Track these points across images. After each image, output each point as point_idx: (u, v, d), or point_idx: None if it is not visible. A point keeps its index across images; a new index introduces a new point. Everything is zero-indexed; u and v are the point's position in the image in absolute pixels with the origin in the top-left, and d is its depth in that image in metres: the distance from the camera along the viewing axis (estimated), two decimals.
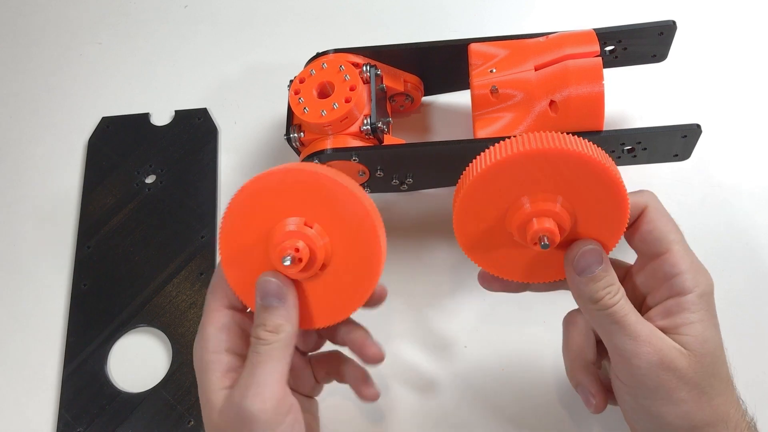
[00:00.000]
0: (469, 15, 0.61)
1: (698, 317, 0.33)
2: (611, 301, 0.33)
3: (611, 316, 0.32)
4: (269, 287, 0.33)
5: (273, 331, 0.32)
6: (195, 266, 0.50)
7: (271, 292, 0.33)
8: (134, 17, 0.64)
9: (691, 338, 0.32)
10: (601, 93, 0.43)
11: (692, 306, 0.33)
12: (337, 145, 0.47)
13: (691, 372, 0.32)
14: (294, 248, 0.32)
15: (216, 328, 0.34)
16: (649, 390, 0.32)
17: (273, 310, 0.33)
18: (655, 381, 0.32)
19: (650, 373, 0.32)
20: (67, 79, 0.61)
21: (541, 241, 0.32)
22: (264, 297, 0.33)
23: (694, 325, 0.33)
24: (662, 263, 0.34)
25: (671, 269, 0.34)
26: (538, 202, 0.33)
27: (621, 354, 0.32)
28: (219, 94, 0.58)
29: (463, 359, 0.45)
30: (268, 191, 0.33)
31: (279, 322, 0.33)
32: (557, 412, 0.43)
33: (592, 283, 0.33)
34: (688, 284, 0.33)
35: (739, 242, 0.48)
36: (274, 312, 0.33)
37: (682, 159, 0.47)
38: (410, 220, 0.51)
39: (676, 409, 0.32)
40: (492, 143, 0.45)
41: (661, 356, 0.32)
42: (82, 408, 0.46)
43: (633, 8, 0.59)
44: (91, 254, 0.51)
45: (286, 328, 0.33)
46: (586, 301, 0.33)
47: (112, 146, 0.56)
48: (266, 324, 0.32)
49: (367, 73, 0.48)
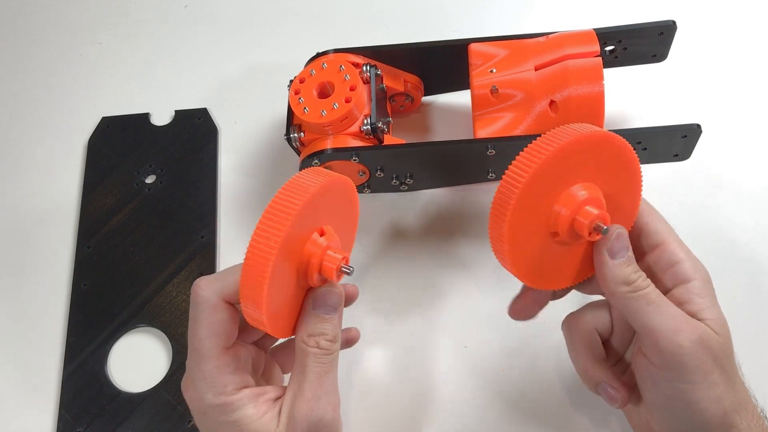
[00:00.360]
0: (469, 15, 0.61)
1: (709, 302, 0.33)
2: (645, 283, 0.33)
3: (646, 297, 0.33)
4: (333, 299, 0.34)
5: (333, 340, 0.33)
6: (195, 266, 0.50)
7: (333, 304, 0.34)
8: (134, 17, 0.64)
9: (712, 321, 0.33)
10: (601, 93, 0.43)
11: (701, 291, 0.34)
12: (337, 145, 0.47)
13: (721, 353, 0.32)
14: (344, 259, 0.33)
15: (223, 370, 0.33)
16: (687, 371, 0.32)
17: (331, 320, 0.34)
18: (695, 360, 0.32)
19: (692, 352, 0.32)
20: (67, 79, 0.61)
21: (599, 229, 0.32)
22: (325, 308, 0.34)
23: (710, 309, 0.33)
24: (661, 253, 0.35)
25: (671, 257, 0.34)
26: (584, 191, 0.33)
27: (659, 334, 0.32)
28: (219, 94, 0.58)
29: (463, 359, 0.45)
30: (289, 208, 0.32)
31: (337, 331, 0.34)
32: (557, 412, 0.43)
33: (625, 266, 0.33)
34: (690, 271, 0.34)
35: (740, 242, 0.48)
36: (332, 322, 0.34)
37: (682, 159, 0.47)
38: (410, 220, 0.51)
39: (711, 393, 0.32)
40: (492, 143, 0.45)
41: (700, 334, 0.32)
42: (82, 408, 0.46)
43: (633, 8, 0.59)
44: (91, 254, 0.51)
45: (339, 336, 0.34)
46: (620, 284, 0.33)
47: (112, 146, 0.56)
48: (328, 334, 0.33)
49: (367, 73, 0.48)
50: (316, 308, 0.34)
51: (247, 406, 0.33)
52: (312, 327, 0.33)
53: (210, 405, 0.33)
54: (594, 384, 0.37)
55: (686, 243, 0.35)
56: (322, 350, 0.33)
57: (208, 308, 0.33)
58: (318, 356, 0.33)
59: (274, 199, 0.31)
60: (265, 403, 0.33)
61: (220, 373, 0.33)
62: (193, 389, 0.34)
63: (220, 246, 0.51)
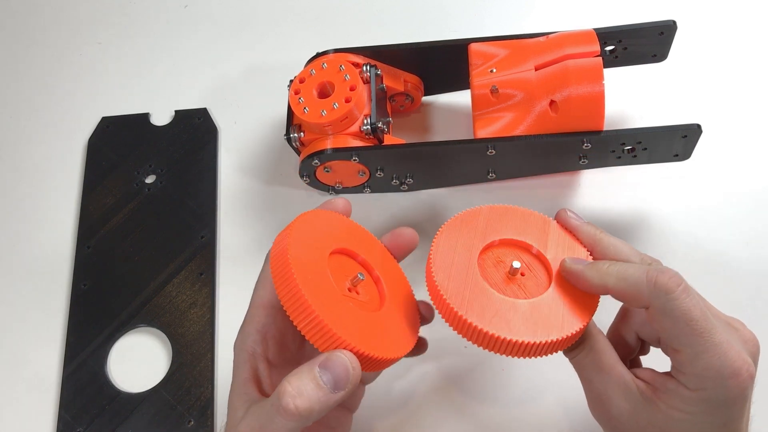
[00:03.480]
0: (469, 15, 0.61)
1: (690, 410, 0.32)
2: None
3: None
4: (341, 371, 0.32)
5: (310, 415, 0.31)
6: (195, 266, 0.50)
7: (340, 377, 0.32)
8: (134, 17, 0.64)
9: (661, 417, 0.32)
10: (602, 93, 0.43)
11: (688, 400, 0.32)
12: (337, 145, 0.47)
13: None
14: None
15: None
16: (731, 395, 0.31)
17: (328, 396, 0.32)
18: (741, 385, 0.31)
19: (740, 375, 0.30)
20: (67, 79, 0.61)
21: None
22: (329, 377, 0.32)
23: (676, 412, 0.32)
24: (672, 354, 0.33)
25: (677, 365, 0.32)
26: None
27: (713, 349, 0.30)
28: (219, 94, 0.58)
29: (463, 359, 0.45)
30: None
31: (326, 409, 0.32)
32: (558, 413, 0.43)
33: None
34: (691, 385, 0.32)
35: (740, 242, 0.48)
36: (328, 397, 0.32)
37: (682, 159, 0.47)
38: (410, 220, 0.51)
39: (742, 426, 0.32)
40: (492, 143, 0.45)
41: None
42: (82, 408, 0.46)
43: (633, 8, 0.59)
44: (91, 254, 0.51)
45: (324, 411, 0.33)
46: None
47: (112, 146, 0.56)
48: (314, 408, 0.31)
49: (367, 73, 0.48)
50: (321, 371, 0.31)
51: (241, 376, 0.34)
52: (298, 380, 0.30)
53: (236, 349, 0.35)
54: None
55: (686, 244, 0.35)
56: (278, 406, 0.30)
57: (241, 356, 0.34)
58: (273, 408, 0.30)
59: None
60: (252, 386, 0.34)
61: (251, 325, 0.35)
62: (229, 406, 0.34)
63: (220, 246, 0.51)
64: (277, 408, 0.30)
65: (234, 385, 0.34)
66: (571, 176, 0.51)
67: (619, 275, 0.33)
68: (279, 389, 0.30)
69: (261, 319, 0.35)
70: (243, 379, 0.34)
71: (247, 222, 0.52)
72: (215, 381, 0.46)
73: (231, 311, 0.49)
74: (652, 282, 0.31)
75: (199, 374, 0.46)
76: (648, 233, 0.49)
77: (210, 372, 0.46)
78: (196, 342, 0.47)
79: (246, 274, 0.50)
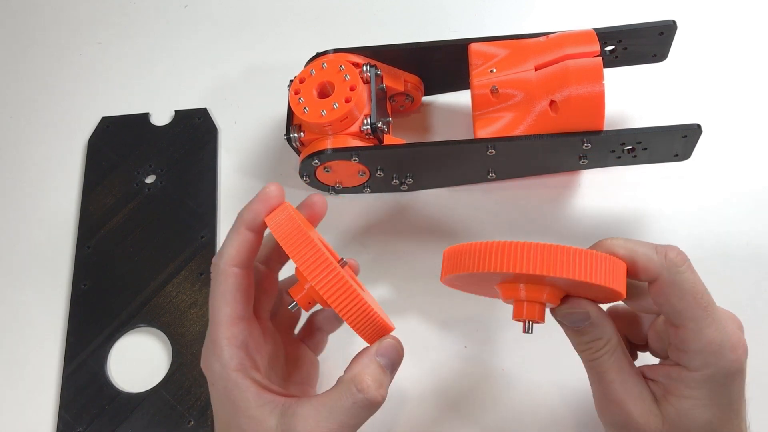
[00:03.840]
0: (469, 15, 0.61)
1: (696, 395, 0.32)
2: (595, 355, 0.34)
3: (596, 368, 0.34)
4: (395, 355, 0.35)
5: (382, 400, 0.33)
6: (195, 266, 0.50)
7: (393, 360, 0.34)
8: (134, 17, 0.64)
9: (673, 411, 0.32)
10: (602, 93, 0.43)
11: (692, 383, 0.32)
12: (337, 145, 0.47)
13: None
14: None
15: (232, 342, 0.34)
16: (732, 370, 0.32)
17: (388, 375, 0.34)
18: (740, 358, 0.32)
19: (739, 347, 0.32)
20: (66, 79, 0.61)
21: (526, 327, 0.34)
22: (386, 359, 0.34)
23: (684, 400, 0.32)
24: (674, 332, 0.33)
25: (680, 344, 0.33)
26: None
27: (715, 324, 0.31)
28: (219, 94, 0.58)
29: (463, 359, 0.45)
30: None
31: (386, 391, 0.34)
32: (558, 413, 0.43)
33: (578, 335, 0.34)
34: (695, 364, 0.32)
35: (740, 242, 0.48)
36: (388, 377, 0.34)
37: (682, 159, 0.47)
38: (410, 220, 0.51)
39: None
40: (492, 143, 0.45)
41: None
42: (82, 408, 0.46)
43: (633, 8, 0.59)
44: (91, 254, 0.51)
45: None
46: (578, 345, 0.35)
47: (112, 146, 0.56)
48: (383, 388, 0.33)
49: (367, 73, 0.48)
50: (381, 359, 0.34)
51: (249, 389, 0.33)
52: (373, 372, 0.33)
53: (218, 375, 0.33)
54: None
55: (686, 244, 0.35)
56: (364, 400, 0.32)
57: (218, 275, 0.34)
58: (357, 404, 0.32)
59: None
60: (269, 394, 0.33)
61: (229, 344, 0.34)
62: (204, 359, 0.35)
63: (220, 246, 0.51)
64: (364, 402, 0.32)
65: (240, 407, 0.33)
66: (571, 176, 0.51)
67: (627, 246, 0.33)
68: (357, 384, 0.32)
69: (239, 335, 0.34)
70: (254, 392, 0.33)
71: None
72: None
73: None
74: (663, 254, 0.32)
75: (199, 374, 0.46)
76: (648, 233, 0.49)
77: None
78: (196, 342, 0.47)
79: None
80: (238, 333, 0.34)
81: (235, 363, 0.33)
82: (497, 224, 0.50)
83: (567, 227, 0.50)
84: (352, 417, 0.32)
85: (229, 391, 0.33)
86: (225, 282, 0.34)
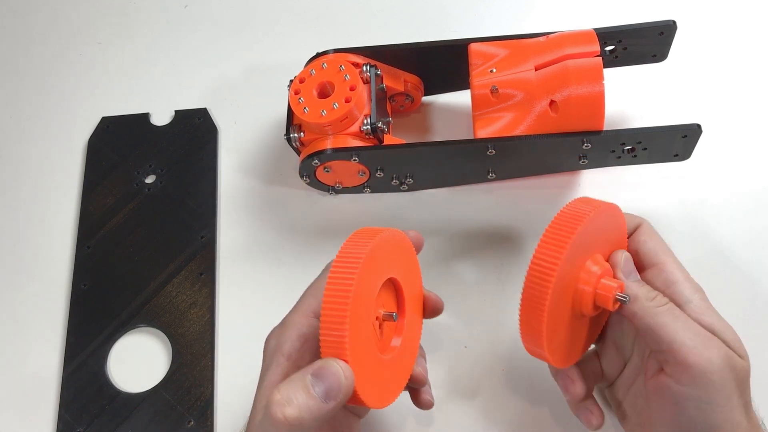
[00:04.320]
0: (469, 15, 0.61)
1: (716, 320, 0.33)
2: (665, 299, 0.34)
3: (672, 311, 0.33)
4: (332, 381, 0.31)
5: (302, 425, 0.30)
6: (195, 266, 0.50)
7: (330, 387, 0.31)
8: (134, 17, 0.64)
9: (732, 343, 0.33)
10: (602, 93, 0.43)
11: (703, 311, 0.33)
12: (337, 145, 0.47)
13: (743, 376, 0.32)
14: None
15: None
16: (714, 389, 0.31)
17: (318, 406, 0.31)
18: (722, 379, 0.31)
19: (721, 369, 0.31)
20: (66, 79, 0.61)
21: (622, 299, 0.34)
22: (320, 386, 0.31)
23: (724, 330, 0.33)
24: (659, 272, 0.35)
25: (669, 276, 0.34)
26: (596, 265, 0.35)
27: (689, 349, 0.32)
28: (219, 94, 0.58)
29: (463, 359, 0.45)
30: None
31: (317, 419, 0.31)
32: (558, 413, 0.43)
33: (642, 284, 0.34)
34: (688, 293, 0.34)
35: (740, 242, 0.48)
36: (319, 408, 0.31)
37: (682, 159, 0.47)
38: (410, 220, 0.51)
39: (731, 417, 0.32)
40: (492, 143, 0.45)
41: (726, 352, 0.32)
42: (82, 408, 0.46)
43: (633, 8, 0.59)
44: (91, 254, 0.51)
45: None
46: (644, 299, 0.33)
47: (112, 146, 0.56)
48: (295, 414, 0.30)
49: (367, 73, 0.48)
50: (313, 380, 0.30)
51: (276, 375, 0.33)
52: (288, 388, 0.30)
53: (270, 351, 0.34)
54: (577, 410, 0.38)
55: (686, 244, 0.36)
56: (269, 414, 0.29)
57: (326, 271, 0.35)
58: (265, 417, 0.30)
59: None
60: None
61: (293, 329, 0.34)
62: (271, 332, 0.35)
63: (220, 246, 0.51)
64: (266, 415, 0.30)
65: (261, 386, 0.34)
66: (571, 176, 0.51)
67: None
68: (269, 397, 0.30)
69: (303, 327, 0.35)
70: (271, 381, 0.33)
71: (248, 222, 0.52)
72: (215, 381, 0.46)
73: (231, 311, 0.49)
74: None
75: (199, 374, 0.46)
76: None
77: (210, 372, 0.46)
78: (196, 342, 0.47)
79: (246, 274, 0.50)
80: (305, 326, 0.35)
81: (287, 347, 0.34)
82: (497, 224, 0.50)
83: None
84: (261, 429, 0.31)
85: (266, 367, 0.34)
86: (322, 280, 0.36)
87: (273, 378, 0.33)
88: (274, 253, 0.51)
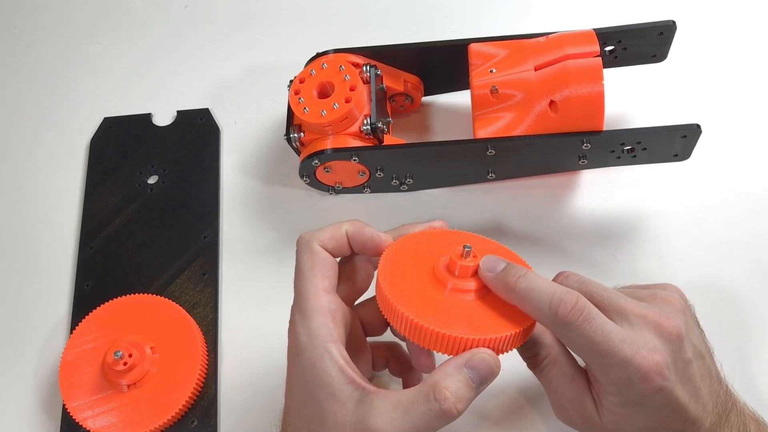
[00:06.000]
0: (469, 15, 0.61)
1: (622, 411, 0.33)
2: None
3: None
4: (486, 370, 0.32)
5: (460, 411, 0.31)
6: (198, 266, 0.50)
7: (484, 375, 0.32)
8: (134, 17, 0.64)
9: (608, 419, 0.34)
10: (601, 93, 0.43)
11: (615, 404, 0.33)
12: (337, 145, 0.47)
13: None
14: None
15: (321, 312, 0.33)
16: (648, 394, 0.32)
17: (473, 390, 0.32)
18: (655, 386, 0.32)
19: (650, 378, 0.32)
20: (68, 80, 0.61)
21: (465, 253, 0.33)
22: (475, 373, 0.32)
23: (613, 414, 0.34)
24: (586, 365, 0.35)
25: (592, 375, 0.34)
26: None
27: (618, 364, 0.32)
28: (219, 95, 0.59)
29: None
30: None
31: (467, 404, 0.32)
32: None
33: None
34: (611, 391, 0.33)
35: (739, 242, 0.48)
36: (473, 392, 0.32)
37: (682, 159, 0.47)
38: (410, 220, 0.51)
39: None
40: (492, 143, 0.45)
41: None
42: None
43: (633, 8, 0.59)
44: (93, 255, 0.52)
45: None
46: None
47: (114, 147, 0.56)
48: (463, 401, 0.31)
49: (367, 73, 0.49)
50: (469, 371, 0.31)
51: (335, 364, 0.32)
52: (455, 384, 0.31)
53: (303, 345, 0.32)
54: None
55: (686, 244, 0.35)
56: (439, 410, 0.30)
57: (304, 249, 0.34)
58: (431, 412, 0.31)
59: None
60: (351, 373, 0.32)
61: (317, 313, 0.33)
62: (291, 330, 0.34)
63: (222, 246, 0.52)
64: (438, 412, 0.30)
65: (323, 382, 0.32)
66: (571, 176, 0.52)
67: (526, 294, 0.32)
68: (435, 393, 0.30)
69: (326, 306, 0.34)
70: (338, 369, 0.32)
71: (250, 222, 0.52)
72: (218, 381, 0.46)
73: (234, 311, 0.49)
74: (554, 312, 0.31)
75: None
76: (648, 233, 0.49)
77: (213, 372, 0.46)
78: None
79: (248, 274, 0.51)
80: (326, 304, 0.33)
81: (324, 333, 0.32)
82: (497, 224, 0.50)
83: (567, 227, 0.50)
84: (424, 423, 0.31)
85: (314, 362, 0.32)
86: (312, 256, 0.34)
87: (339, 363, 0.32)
88: (275, 252, 0.51)
